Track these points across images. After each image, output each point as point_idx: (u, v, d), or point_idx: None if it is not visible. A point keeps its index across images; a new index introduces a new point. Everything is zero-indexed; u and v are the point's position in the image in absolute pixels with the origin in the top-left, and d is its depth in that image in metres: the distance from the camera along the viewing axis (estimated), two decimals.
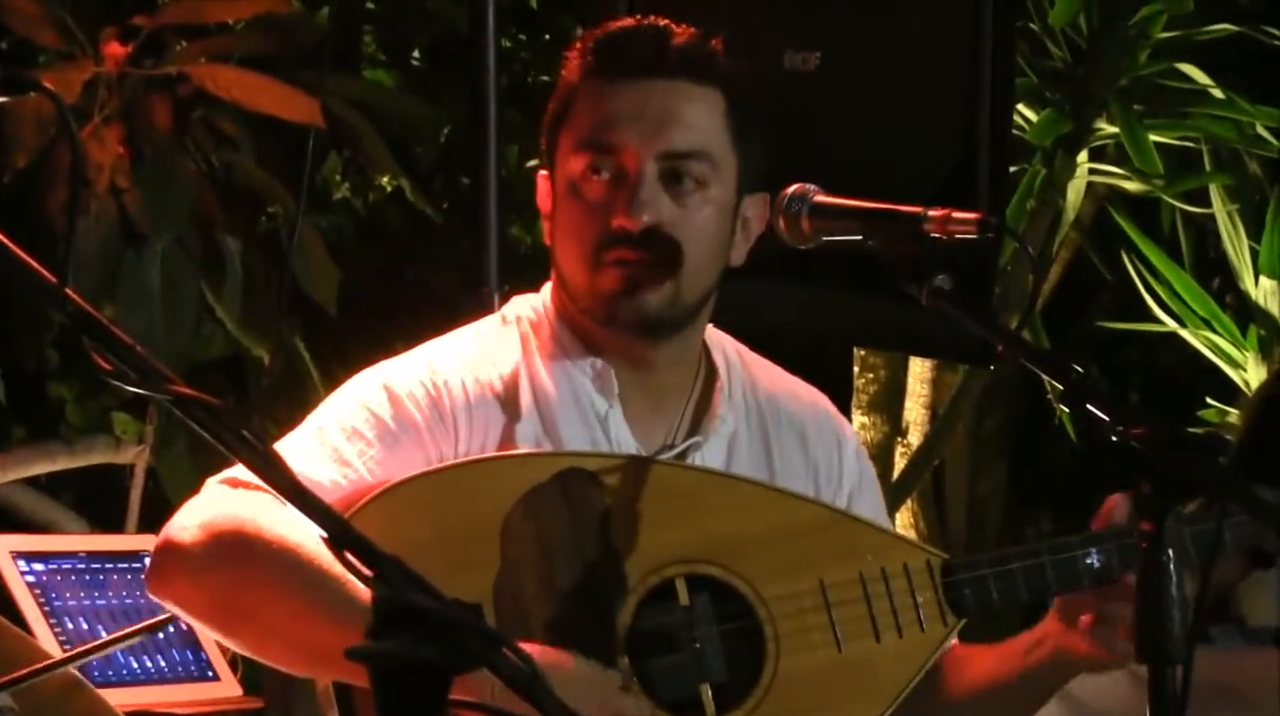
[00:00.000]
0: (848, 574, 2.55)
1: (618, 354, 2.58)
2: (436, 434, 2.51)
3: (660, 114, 2.54)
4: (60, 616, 3.34)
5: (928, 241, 2.47)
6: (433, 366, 2.55)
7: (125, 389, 1.86)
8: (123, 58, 4.18)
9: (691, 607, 2.49)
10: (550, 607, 2.44)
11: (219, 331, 4.54)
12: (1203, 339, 6.01)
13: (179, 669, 3.40)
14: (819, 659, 2.52)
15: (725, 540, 2.52)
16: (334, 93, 4.38)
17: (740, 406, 2.66)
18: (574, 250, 2.54)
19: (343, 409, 2.52)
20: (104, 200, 4.12)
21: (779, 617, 2.51)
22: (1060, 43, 5.73)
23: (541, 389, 2.56)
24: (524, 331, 2.61)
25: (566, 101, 2.57)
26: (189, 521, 2.42)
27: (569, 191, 2.55)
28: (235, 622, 2.43)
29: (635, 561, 2.47)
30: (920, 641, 2.57)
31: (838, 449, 2.73)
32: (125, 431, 4.83)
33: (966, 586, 2.58)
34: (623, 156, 2.52)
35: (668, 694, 2.46)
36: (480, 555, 2.41)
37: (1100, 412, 2.27)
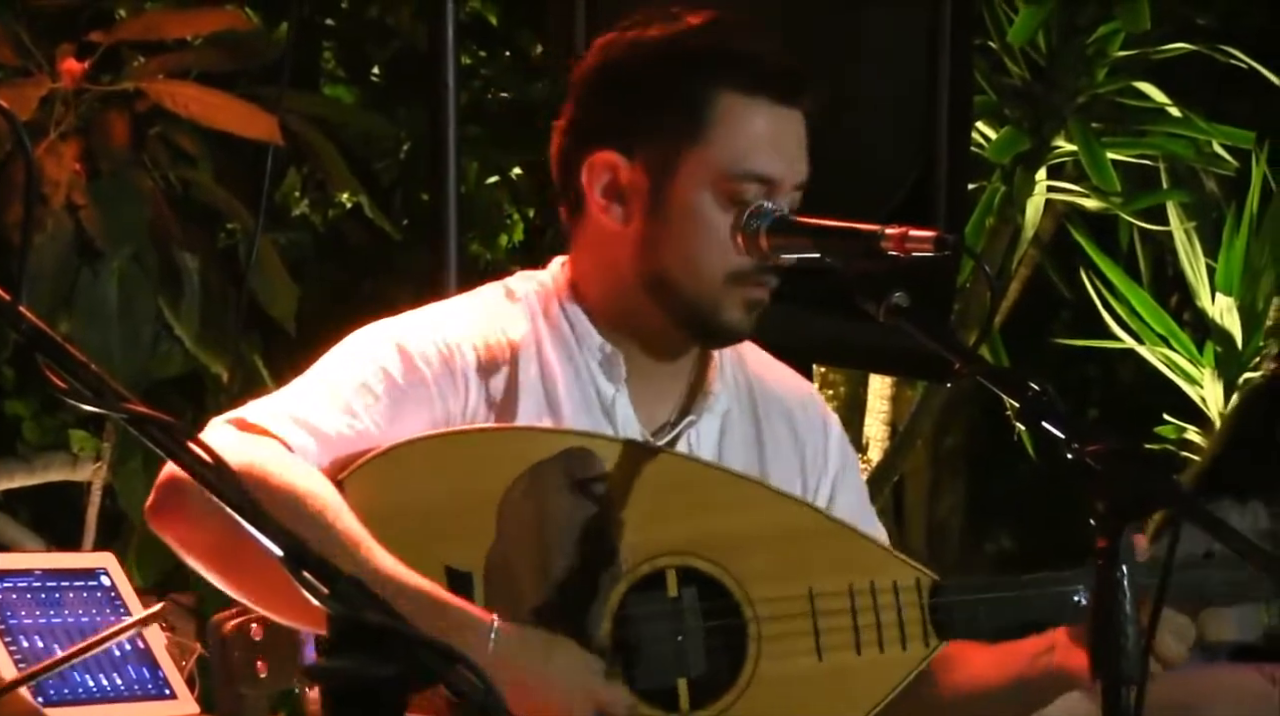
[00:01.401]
0: (838, 584, 2.56)
1: (644, 342, 2.60)
2: (446, 393, 2.51)
3: (798, 144, 2.62)
4: (15, 635, 3.32)
5: (886, 259, 2.48)
6: (444, 327, 2.56)
7: (81, 406, 1.86)
8: (79, 73, 4.17)
9: (679, 599, 2.50)
10: (541, 585, 2.45)
11: (177, 348, 4.52)
12: (1160, 356, 6.04)
13: (135, 687, 3.38)
14: (798, 665, 2.52)
15: (720, 536, 2.52)
16: (293, 109, 4.37)
17: (732, 385, 2.69)
18: (701, 266, 2.56)
19: (353, 361, 2.52)
20: (60, 217, 4.10)
21: (764, 619, 2.51)
22: (1019, 60, 5.75)
23: (548, 364, 2.58)
24: (531, 307, 2.62)
25: (693, 103, 2.56)
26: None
27: (699, 206, 2.55)
28: (233, 568, 2.43)
29: (629, 547, 2.48)
30: (900, 659, 2.57)
31: (824, 433, 2.75)
32: (82, 448, 4.81)
33: (954, 609, 2.59)
34: (776, 188, 2.57)
35: (645, 682, 2.46)
36: (476, 525, 2.42)
37: (1056, 430, 2.27)
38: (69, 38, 4.24)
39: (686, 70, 2.58)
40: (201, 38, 4.46)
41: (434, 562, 2.38)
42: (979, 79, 5.34)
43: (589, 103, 2.61)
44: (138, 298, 4.27)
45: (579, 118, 2.62)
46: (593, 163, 2.58)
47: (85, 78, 4.18)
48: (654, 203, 2.57)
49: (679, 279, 2.57)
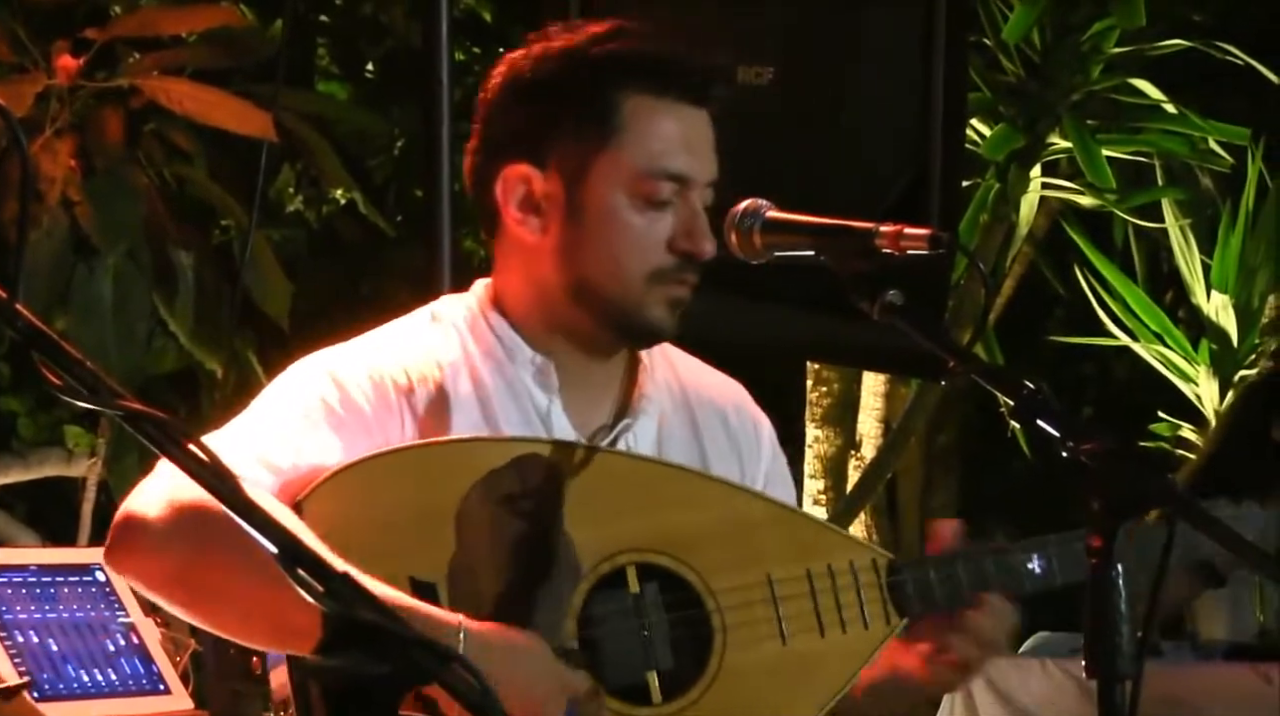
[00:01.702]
0: (795, 570, 2.57)
1: (570, 349, 2.61)
2: (385, 421, 2.52)
3: (708, 143, 2.61)
4: (11, 630, 3.33)
5: (880, 257, 2.48)
6: (375, 357, 2.56)
7: (76, 403, 1.86)
8: (75, 70, 4.17)
9: (641, 596, 2.50)
10: (504, 591, 2.45)
11: (171, 345, 4.52)
12: (1155, 353, 6.04)
13: (130, 682, 3.39)
14: (764, 651, 2.53)
15: (677, 531, 2.53)
16: (287, 106, 4.37)
17: (664, 389, 2.69)
18: (621, 268, 2.56)
19: (293, 395, 2.52)
20: (55, 213, 4.11)
21: (726, 609, 2.52)
22: (1014, 57, 5.75)
23: (481, 382, 2.58)
24: (459, 329, 2.62)
25: (603, 109, 2.57)
26: (150, 495, 2.42)
27: (616, 210, 2.56)
28: (194, 598, 2.43)
29: (588, 548, 2.49)
30: (863, 638, 2.58)
31: (755, 432, 2.77)
32: (77, 444, 4.82)
33: (910, 586, 2.60)
34: (689, 186, 2.57)
35: (615, 679, 2.47)
36: (436, 537, 2.42)
37: (1051, 428, 2.28)
38: (64, 34, 4.24)
39: (593, 76, 2.59)
40: (196, 34, 4.47)
41: (398, 575, 2.39)
42: (973, 76, 5.35)
43: (497, 117, 2.62)
44: (133, 294, 4.28)
45: (488, 133, 2.63)
46: (506, 176, 2.59)
47: (80, 74, 4.18)
48: (570, 210, 2.58)
49: (601, 282, 2.58)
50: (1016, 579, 2.60)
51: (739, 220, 2.57)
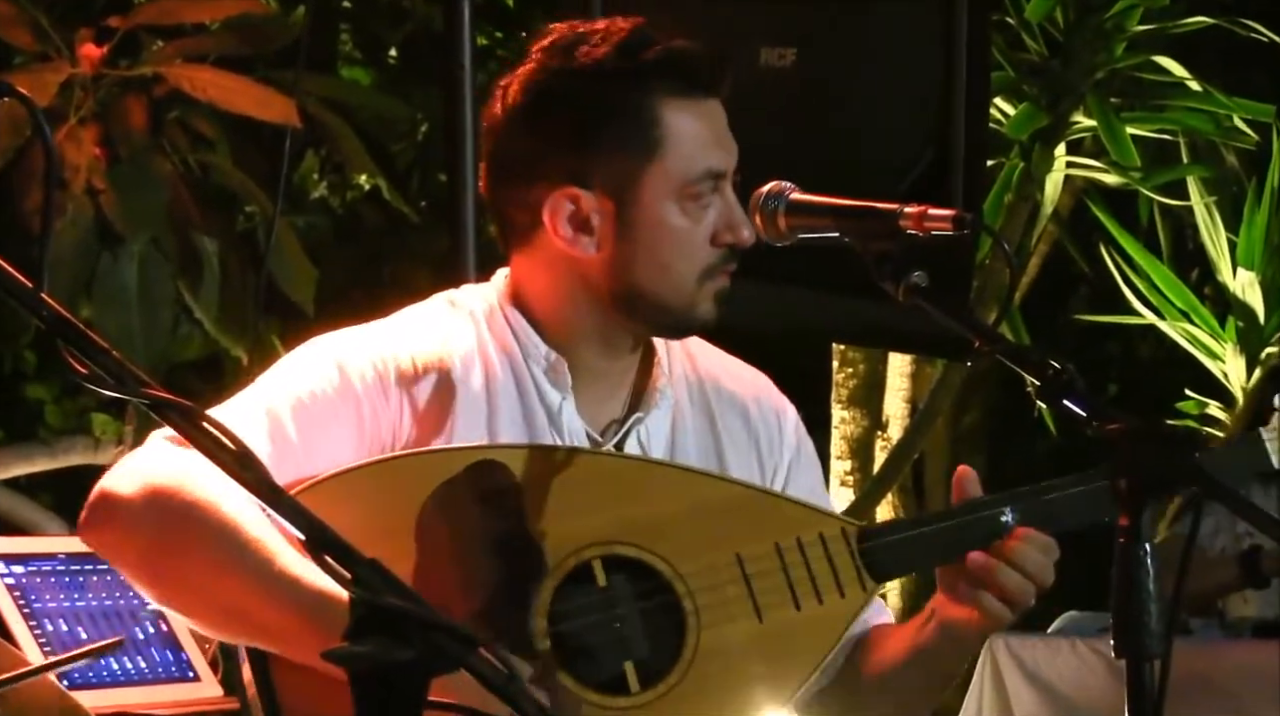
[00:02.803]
0: (764, 546, 2.56)
1: (595, 348, 2.60)
2: (378, 409, 2.52)
3: (727, 132, 2.60)
4: (40, 618, 3.34)
5: (904, 238, 2.48)
6: (385, 343, 2.56)
7: (102, 391, 1.87)
8: (98, 59, 4.18)
9: (609, 588, 2.50)
10: (470, 598, 2.45)
11: (197, 331, 4.53)
12: (1181, 331, 6.03)
13: (159, 669, 3.40)
14: (740, 629, 2.53)
15: (641, 521, 2.53)
16: (310, 92, 4.37)
17: (681, 382, 2.69)
18: (680, 272, 2.56)
19: (290, 379, 2.53)
20: (80, 201, 4.11)
21: (697, 591, 2.52)
22: (1037, 36, 5.74)
23: (492, 375, 2.58)
24: (476, 318, 2.62)
25: (650, 122, 2.56)
26: (129, 473, 2.42)
27: (668, 217, 2.56)
28: (161, 578, 2.43)
29: (550, 547, 2.49)
30: (840, 607, 2.58)
31: (778, 422, 2.75)
32: (104, 432, 4.83)
33: (882, 551, 2.59)
34: (724, 179, 2.57)
35: (591, 673, 2.47)
36: (396, 550, 2.41)
37: (1077, 408, 2.27)
38: (87, 23, 4.25)
39: (627, 90, 2.58)
40: (219, 22, 4.47)
41: None
42: (996, 55, 5.34)
43: (525, 140, 2.61)
44: (157, 282, 4.29)
45: (517, 154, 2.62)
46: (553, 199, 2.59)
47: (104, 63, 4.19)
48: (621, 226, 2.58)
49: (656, 289, 2.58)
50: (990, 532, 2.59)
51: (763, 203, 2.57)
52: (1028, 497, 2.60)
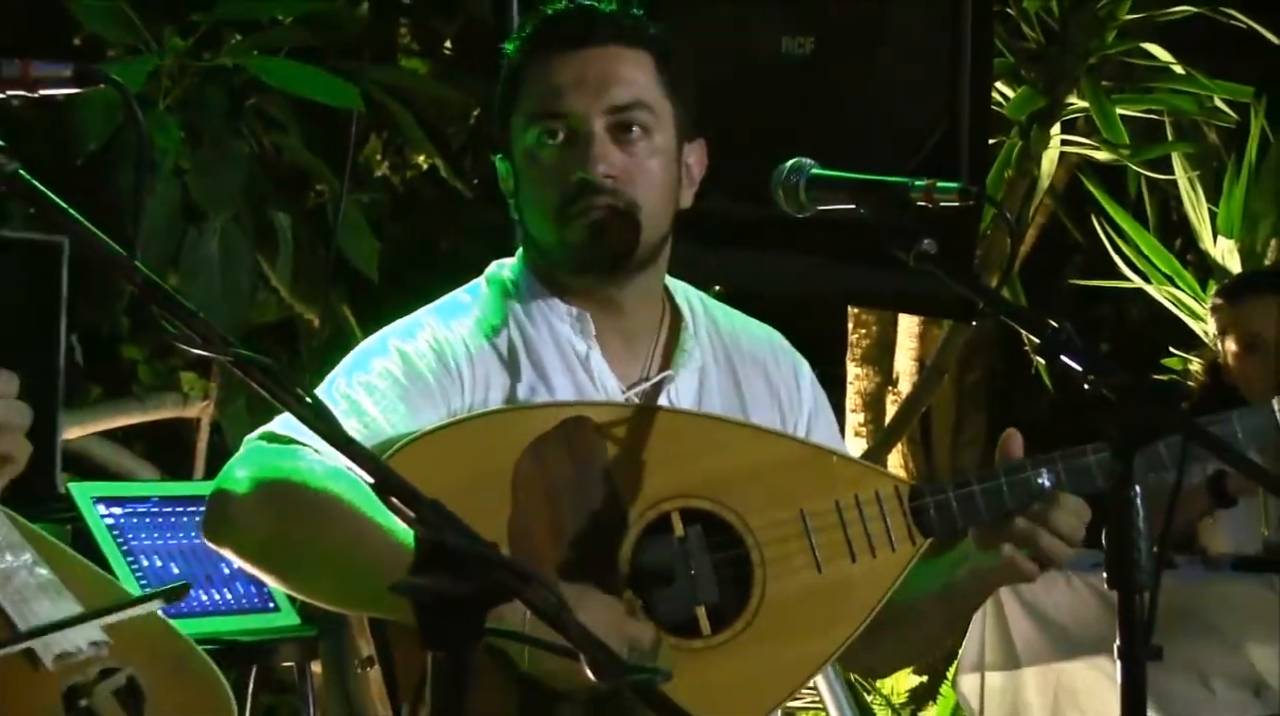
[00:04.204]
0: (825, 502, 2.55)
1: (590, 299, 2.59)
2: (445, 385, 2.52)
3: (599, 76, 2.54)
4: (136, 555, 3.36)
5: (914, 209, 2.46)
6: (436, 327, 2.56)
7: (190, 350, 1.87)
8: (183, 51, 4.18)
9: (686, 538, 2.49)
10: (559, 546, 2.45)
11: (272, 298, 4.54)
12: (1166, 294, 6.02)
13: (243, 600, 3.41)
14: (801, 580, 2.52)
15: (714, 476, 2.52)
16: (373, 80, 4.38)
17: (706, 343, 2.67)
18: (541, 210, 2.55)
19: (359, 368, 2.53)
20: (168, 181, 4.12)
21: (764, 544, 2.51)
22: (1034, 25, 5.72)
23: (529, 339, 2.58)
24: (506, 291, 2.62)
25: (513, 84, 2.57)
26: (239, 475, 2.42)
27: (529, 162, 2.55)
28: (282, 565, 2.42)
29: (633, 499, 2.48)
30: (891, 560, 2.57)
31: (795, 377, 2.74)
32: (191, 388, 4.84)
33: (932, 509, 2.58)
34: (572, 119, 2.53)
35: (667, 617, 2.47)
36: (494, 501, 2.41)
37: (1074, 364, 2.26)
38: (173, 19, 4.25)
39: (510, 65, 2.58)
40: (291, 17, 4.47)
41: None
42: (998, 43, 5.32)
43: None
44: (237, 253, 4.29)
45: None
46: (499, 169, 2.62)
47: (188, 54, 4.19)
48: (515, 176, 2.58)
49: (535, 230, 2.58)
50: (1029, 493, 2.58)
51: (785, 178, 2.55)
52: (1062, 461, 2.58)
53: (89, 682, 1.94)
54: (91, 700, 1.94)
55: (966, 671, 4.38)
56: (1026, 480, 2.58)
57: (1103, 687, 4.19)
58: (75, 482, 3.47)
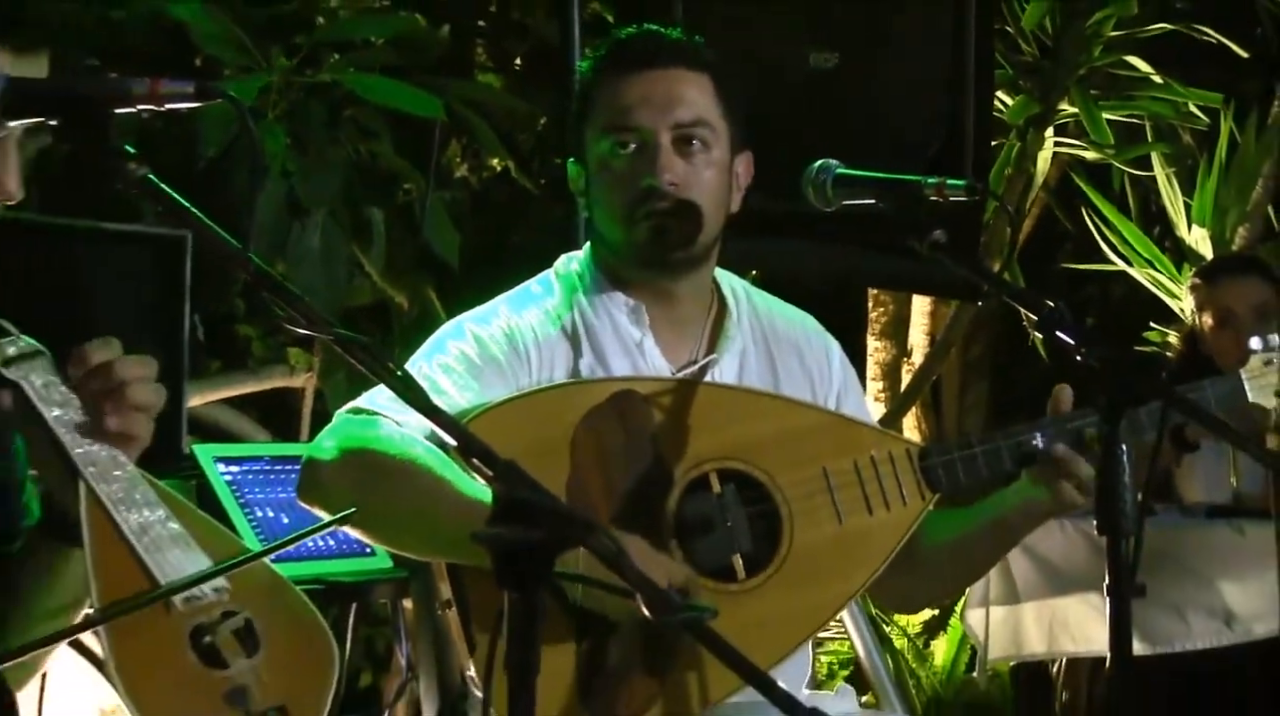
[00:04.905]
0: (845, 463, 2.54)
1: (647, 291, 2.59)
2: (515, 367, 2.52)
3: (666, 95, 2.55)
4: (251, 507, 3.36)
5: (927, 203, 2.45)
6: (508, 313, 2.56)
7: (296, 329, 1.87)
8: (288, 69, 4.18)
9: (723, 495, 2.49)
10: (612, 503, 2.44)
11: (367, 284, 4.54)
12: (1147, 276, 5.98)
13: (343, 546, 3.42)
14: (825, 531, 2.52)
15: (747, 441, 2.51)
16: (453, 93, 4.37)
17: (747, 329, 2.66)
18: (610, 211, 2.55)
19: (438, 350, 2.52)
20: (275, 182, 4.12)
21: (792, 500, 2.51)
22: (1030, 41, 5.70)
23: (591, 327, 2.57)
24: (573, 283, 2.61)
25: (587, 98, 2.57)
26: (326, 445, 2.43)
27: (601, 168, 2.55)
28: (366, 521, 2.43)
29: (676, 461, 2.48)
30: (904, 513, 2.56)
31: (826, 357, 2.73)
32: (297, 362, 4.85)
33: (939, 468, 2.57)
34: (642, 132, 2.53)
35: (707, 564, 2.46)
36: (554, 465, 2.41)
37: (1068, 338, 2.25)
38: (280, 40, 4.25)
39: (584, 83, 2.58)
40: (382, 38, 4.47)
41: None
42: (998, 57, 5.28)
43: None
44: (335, 245, 4.29)
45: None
46: (571, 171, 2.60)
47: (293, 72, 4.19)
48: (588, 181, 2.57)
49: (606, 230, 2.57)
50: (1028, 452, 2.57)
51: (814, 176, 2.54)
52: (1055, 425, 2.57)
53: (212, 623, 1.95)
54: (214, 638, 1.94)
55: (973, 606, 4.36)
56: (1022, 441, 2.57)
57: (1092, 619, 4.17)
58: (199, 444, 3.48)
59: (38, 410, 1.96)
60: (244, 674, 1.95)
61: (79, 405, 1.98)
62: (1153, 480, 2.27)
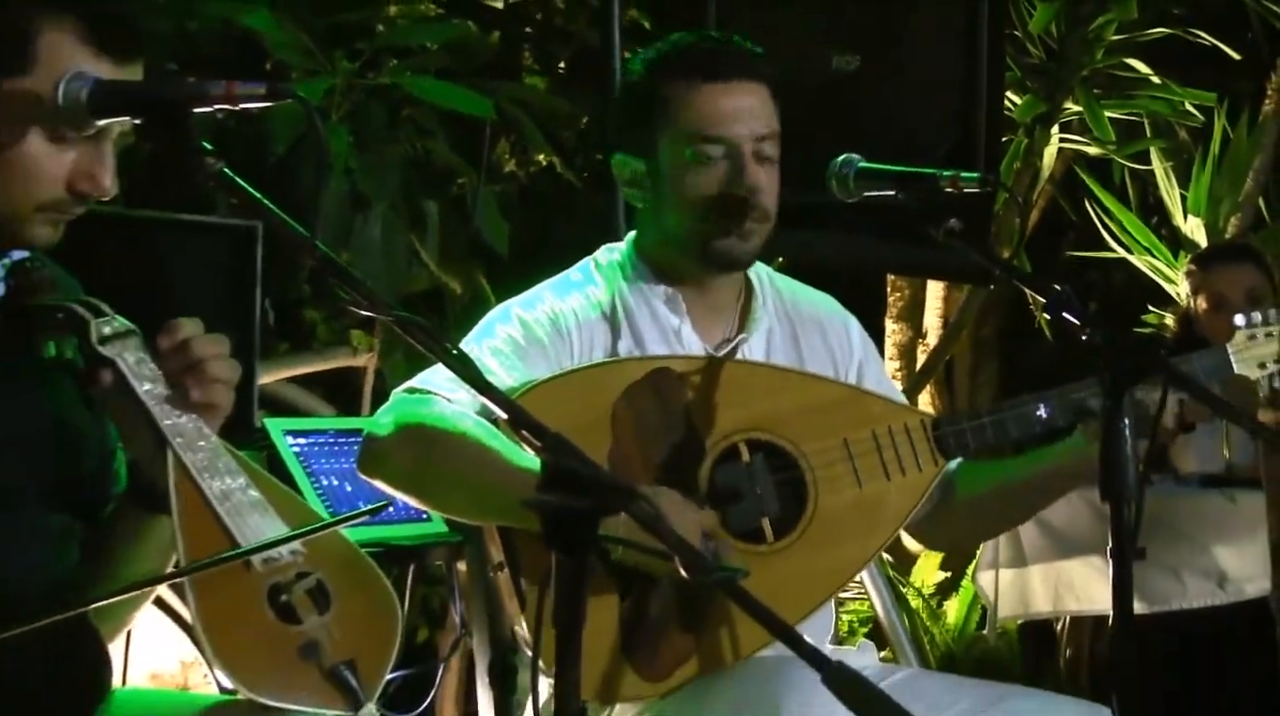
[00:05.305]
0: (864, 432, 2.54)
1: (686, 281, 2.59)
2: (559, 349, 2.52)
3: (749, 109, 2.53)
4: (317, 476, 3.38)
5: (942, 195, 2.45)
6: (552, 299, 2.56)
7: (359, 312, 1.88)
8: (350, 73, 4.19)
9: (752, 464, 2.49)
10: (650, 472, 2.45)
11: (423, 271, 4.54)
12: (1145, 263, 5.95)
13: (401, 512, 3.42)
14: (846, 496, 2.52)
15: (774, 414, 2.51)
16: (502, 95, 4.37)
17: (772, 311, 2.66)
18: (690, 214, 2.53)
19: (487, 334, 2.53)
20: (339, 177, 4.13)
21: (815, 467, 2.50)
22: (1038, 44, 5.67)
23: (630, 312, 2.57)
24: (613, 271, 2.61)
25: (660, 102, 2.53)
26: (384, 421, 2.44)
27: (683, 173, 2.52)
28: (423, 489, 2.44)
29: (708, 433, 2.48)
30: (919, 478, 2.56)
31: (846, 333, 2.73)
32: (359, 344, 4.86)
33: (950, 437, 2.57)
34: (728, 144, 2.51)
35: (738, 528, 2.47)
36: (597, 437, 2.42)
37: (1074, 319, 2.24)
38: (343, 46, 4.26)
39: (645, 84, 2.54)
40: (437, 44, 4.47)
41: None
42: (1008, 59, 5.25)
43: (608, 121, 2.61)
44: (395, 235, 4.30)
45: (611, 132, 2.61)
46: (615, 165, 2.58)
47: (355, 75, 4.19)
48: (655, 180, 2.55)
49: (678, 229, 2.55)
50: (1030, 423, 2.56)
51: (838, 169, 2.54)
52: (1061, 395, 2.56)
53: (289, 582, 1.96)
54: (290, 596, 1.95)
55: (983, 568, 4.35)
56: (1026, 412, 2.56)
57: (1094, 580, 4.16)
58: (269, 418, 3.49)
59: (130, 385, 1.97)
60: (316, 629, 1.96)
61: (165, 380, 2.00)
62: (1151, 452, 2.25)
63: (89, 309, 2.01)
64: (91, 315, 2.00)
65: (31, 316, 2.01)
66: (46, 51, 1.93)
